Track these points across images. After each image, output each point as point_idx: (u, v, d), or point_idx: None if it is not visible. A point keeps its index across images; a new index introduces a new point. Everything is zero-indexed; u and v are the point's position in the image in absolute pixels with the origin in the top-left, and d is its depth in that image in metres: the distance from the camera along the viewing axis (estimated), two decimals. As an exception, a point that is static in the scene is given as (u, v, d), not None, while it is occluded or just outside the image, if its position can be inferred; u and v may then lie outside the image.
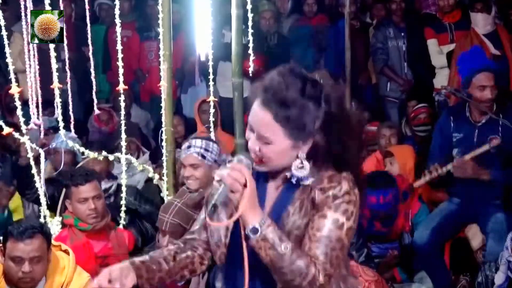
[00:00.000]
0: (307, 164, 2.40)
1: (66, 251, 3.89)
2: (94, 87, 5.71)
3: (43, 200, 4.92)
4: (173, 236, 3.96)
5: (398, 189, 5.35)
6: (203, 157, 4.38)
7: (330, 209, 2.36)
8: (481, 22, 6.82)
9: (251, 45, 5.22)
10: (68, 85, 5.50)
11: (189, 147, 4.45)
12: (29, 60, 5.25)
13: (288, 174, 2.43)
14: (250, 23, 5.17)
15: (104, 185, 5.43)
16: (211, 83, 5.50)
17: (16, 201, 6.00)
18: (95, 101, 5.79)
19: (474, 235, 5.35)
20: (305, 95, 2.34)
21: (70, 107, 5.52)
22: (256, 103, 2.38)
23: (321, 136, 2.39)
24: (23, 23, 5.18)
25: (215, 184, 2.36)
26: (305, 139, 2.39)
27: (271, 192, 2.50)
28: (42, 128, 5.66)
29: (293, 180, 2.42)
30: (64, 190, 4.80)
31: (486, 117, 5.07)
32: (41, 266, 3.67)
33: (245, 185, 2.31)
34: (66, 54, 5.36)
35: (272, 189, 2.51)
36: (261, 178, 2.51)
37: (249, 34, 5.20)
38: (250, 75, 5.29)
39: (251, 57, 5.26)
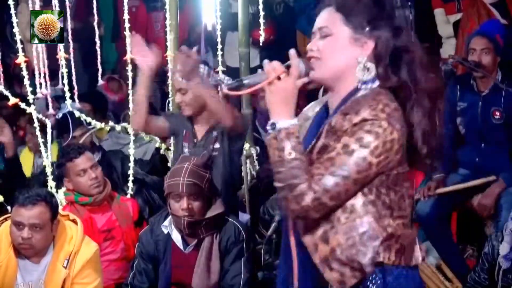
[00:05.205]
0: (371, 65, 2.28)
1: (74, 221, 3.92)
2: (99, 58, 5.72)
3: (49, 170, 4.94)
4: (191, 198, 3.86)
5: None
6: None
7: (346, 134, 2.18)
8: (488, -9, 6.77)
9: (261, 13, 5.25)
10: (71, 55, 5.52)
11: None
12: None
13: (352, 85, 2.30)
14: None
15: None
16: (219, 52, 5.49)
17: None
18: (100, 70, 5.80)
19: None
20: None
21: (74, 77, 5.54)
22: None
23: (383, 35, 2.27)
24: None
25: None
26: (364, 33, 2.29)
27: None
28: (49, 98, 5.68)
29: (360, 86, 2.28)
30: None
31: (490, 87, 5.06)
32: (42, 235, 3.69)
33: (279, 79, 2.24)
34: (69, 24, 5.34)
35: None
36: (322, 112, 2.42)
37: (260, 2, 5.23)
38: (261, 44, 5.28)
39: (262, 26, 5.29)
